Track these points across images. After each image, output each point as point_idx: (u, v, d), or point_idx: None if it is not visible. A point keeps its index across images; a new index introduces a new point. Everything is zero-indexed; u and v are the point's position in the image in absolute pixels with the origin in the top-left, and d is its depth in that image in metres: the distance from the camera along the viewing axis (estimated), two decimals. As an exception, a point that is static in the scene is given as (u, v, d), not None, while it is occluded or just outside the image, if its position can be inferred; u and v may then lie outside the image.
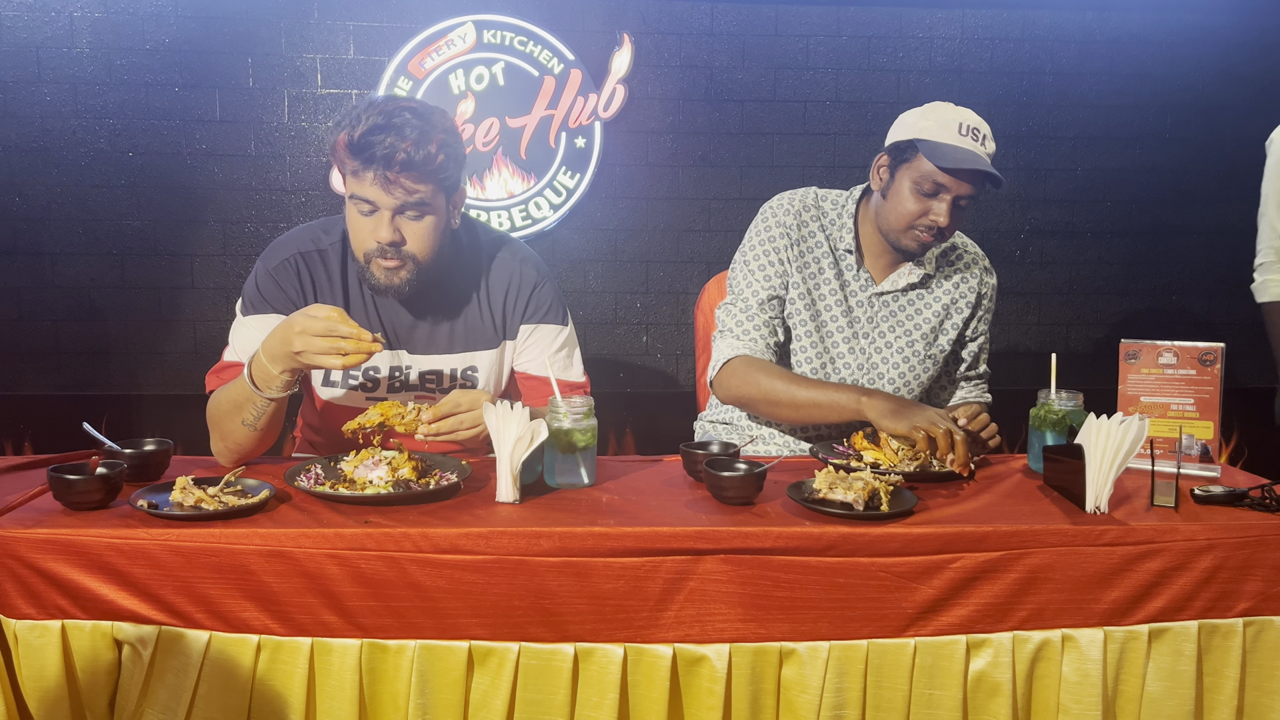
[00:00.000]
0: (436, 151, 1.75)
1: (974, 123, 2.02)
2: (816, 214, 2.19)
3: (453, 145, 1.80)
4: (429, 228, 1.81)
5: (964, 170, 1.97)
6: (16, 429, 3.52)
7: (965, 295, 2.21)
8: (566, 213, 3.64)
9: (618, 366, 3.76)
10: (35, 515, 1.48)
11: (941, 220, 2.00)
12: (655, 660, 1.45)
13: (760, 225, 2.20)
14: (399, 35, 3.51)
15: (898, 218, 2.05)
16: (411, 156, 1.72)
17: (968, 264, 2.24)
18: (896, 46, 3.69)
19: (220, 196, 3.54)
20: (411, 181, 1.75)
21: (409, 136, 1.72)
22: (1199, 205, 3.84)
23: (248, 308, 1.91)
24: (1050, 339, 3.83)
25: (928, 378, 2.21)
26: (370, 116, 1.73)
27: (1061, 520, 1.54)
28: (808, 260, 2.16)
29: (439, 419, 1.72)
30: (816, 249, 2.16)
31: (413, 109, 1.77)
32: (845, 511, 1.53)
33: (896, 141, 2.06)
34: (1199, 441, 1.83)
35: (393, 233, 1.78)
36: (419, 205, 1.78)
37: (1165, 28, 3.74)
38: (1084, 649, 1.50)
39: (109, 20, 3.43)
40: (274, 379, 1.69)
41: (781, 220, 2.17)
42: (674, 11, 3.61)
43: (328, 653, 1.43)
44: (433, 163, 1.75)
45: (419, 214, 1.79)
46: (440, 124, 1.79)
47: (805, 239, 2.16)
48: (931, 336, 2.19)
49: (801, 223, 2.17)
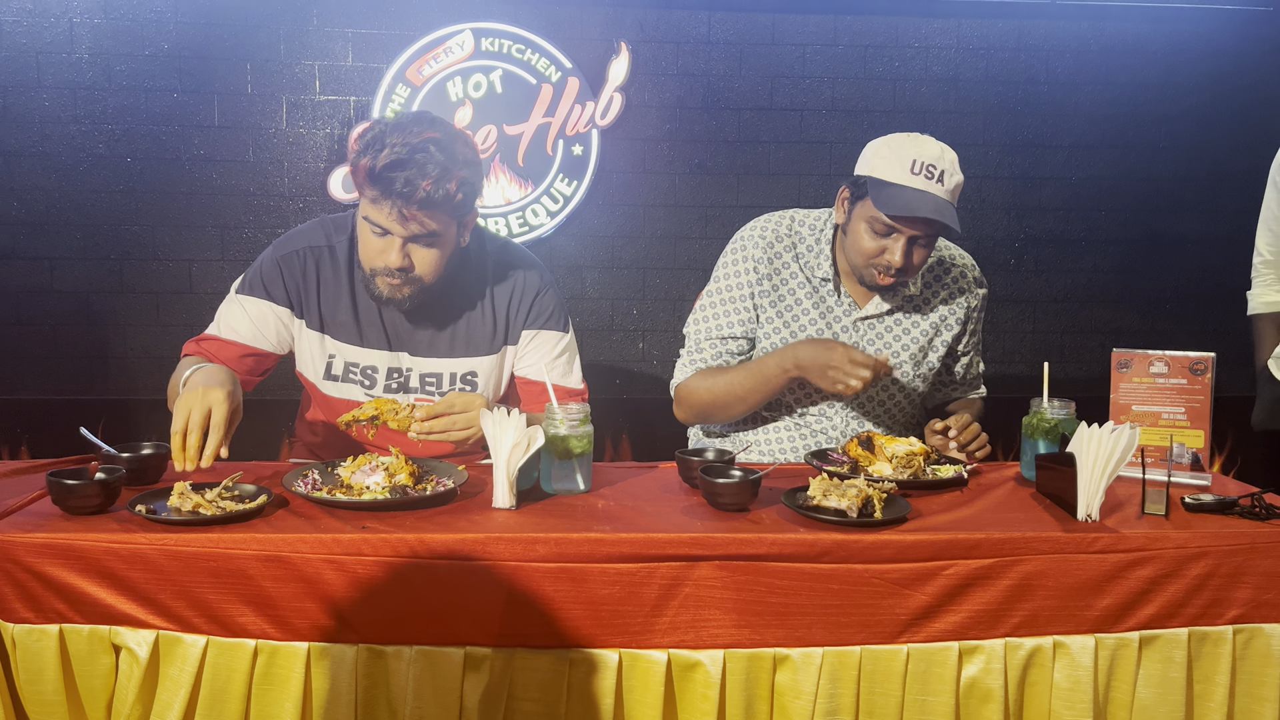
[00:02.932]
0: (456, 190, 1.75)
1: (931, 158, 1.93)
2: (791, 243, 2.15)
3: (472, 180, 1.80)
4: (438, 255, 1.83)
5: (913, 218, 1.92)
6: (13, 433, 3.52)
7: (955, 312, 2.19)
8: (564, 219, 3.65)
9: (614, 373, 3.77)
10: (34, 519, 1.49)
11: (896, 260, 1.96)
12: (650, 666, 1.46)
13: (730, 259, 2.17)
14: (397, 42, 3.52)
15: (855, 254, 2.03)
16: (431, 195, 1.72)
17: (955, 278, 2.21)
18: (893, 55, 3.71)
19: (218, 202, 3.55)
20: (427, 217, 1.76)
21: (430, 174, 1.72)
22: (1193, 214, 3.86)
23: (245, 287, 1.94)
24: (1044, 347, 3.85)
25: (918, 396, 2.22)
26: (395, 147, 1.72)
27: (1053, 528, 1.55)
28: (783, 293, 2.13)
29: (432, 418, 1.73)
30: (791, 280, 2.13)
31: (437, 142, 1.74)
32: (839, 518, 1.54)
33: (855, 176, 2.02)
34: (1190, 450, 1.84)
35: (402, 259, 1.80)
36: (431, 236, 1.79)
37: (1160, 38, 3.76)
38: (1075, 656, 1.51)
39: (109, 26, 3.44)
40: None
41: (750, 254, 2.13)
42: (671, 20, 3.63)
43: (324, 657, 1.44)
44: (451, 201, 1.76)
45: (430, 243, 1.81)
46: (463, 157, 1.78)
47: (778, 271, 2.13)
48: (920, 355, 2.17)
49: (774, 254, 2.13)
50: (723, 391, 2.10)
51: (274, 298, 1.93)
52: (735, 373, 2.10)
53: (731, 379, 2.09)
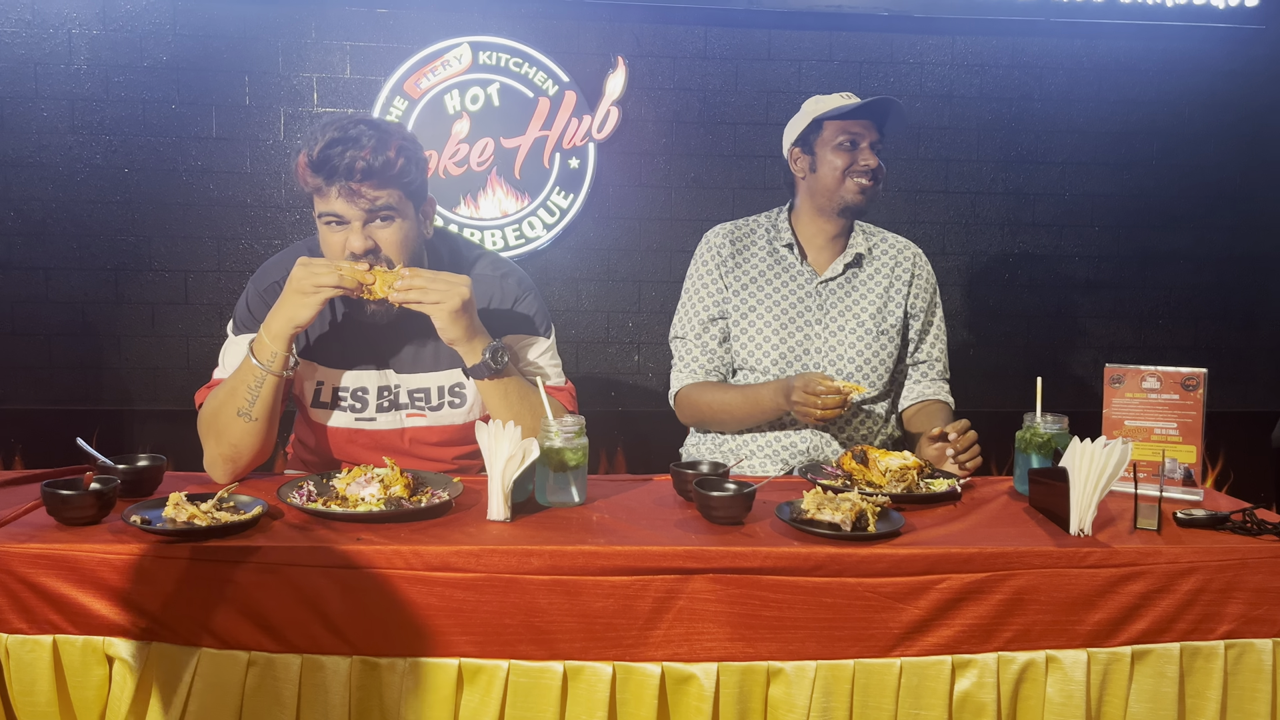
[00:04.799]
0: (396, 156, 1.77)
1: (848, 94, 2.30)
2: (749, 229, 2.37)
3: (412, 150, 1.82)
4: (401, 233, 1.83)
5: (865, 109, 2.24)
6: (7, 443, 3.52)
7: (900, 275, 2.36)
8: (560, 232, 3.66)
9: (609, 385, 3.77)
10: (29, 530, 1.49)
11: (871, 161, 2.25)
12: (644, 679, 1.46)
13: (696, 257, 2.37)
14: (395, 55, 3.54)
15: (833, 177, 2.26)
16: (371, 164, 1.75)
17: (899, 249, 2.40)
18: (887, 71, 3.73)
19: (215, 213, 3.56)
20: (374, 189, 1.77)
21: (366, 145, 1.75)
22: (1185, 230, 3.88)
23: (239, 327, 1.93)
24: (1037, 362, 3.86)
25: (887, 355, 2.30)
26: (326, 133, 1.77)
27: (1046, 542, 1.56)
28: (748, 269, 2.32)
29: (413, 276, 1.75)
30: (753, 257, 2.33)
31: (367, 121, 1.80)
32: (833, 532, 1.54)
33: (800, 132, 2.31)
34: (1182, 465, 1.85)
35: (364, 240, 1.80)
36: (386, 210, 1.80)
37: (1152, 56, 3.79)
38: (1068, 670, 1.51)
39: (107, 38, 3.45)
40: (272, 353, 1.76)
41: (712, 244, 2.35)
42: (668, 35, 3.65)
43: (318, 669, 1.44)
44: (393, 167, 1.77)
45: (388, 219, 1.81)
46: (397, 133, 1.81)
47: (741, 251, 2.34)
48: (880, 316, 2.31)
49: (734, 239, 2.35)
50: (720, 409, 2.25)
51: None
52: (734, 396, 2.22)
53: (728, 401, 2.23)
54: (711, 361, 2.28)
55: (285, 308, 1.75)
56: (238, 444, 1.80)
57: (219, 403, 1.81)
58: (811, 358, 2.27)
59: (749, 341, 2.26)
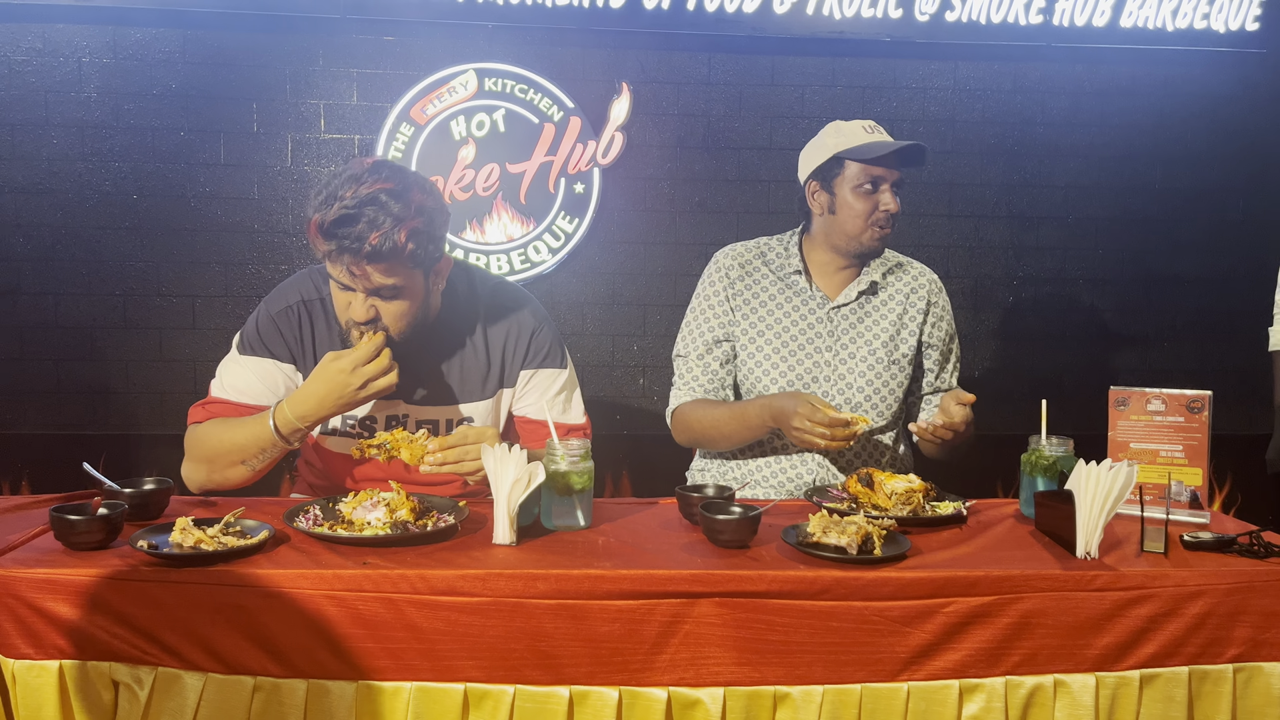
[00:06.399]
0: (406, 241, 1.72)
1: (870, 123, 2.22)
2: (759, 252, 2.34)
3: (426, 230, 1.76)
4: (403, 308, 1.81)
5: (892, 155, 2.15)
6: (15, 467, 3.52)
7: (915, 304, 2.31)
8: (565, 256, 3.68)
9: (615, 409, 3.77)
10: (36, 555, 1.50)
11: (893, 206, 2.18)
12: (650, 703, 1.46)
13: (705, 277, 2.35)
14: (402, 82, 3.57)
15: (853, 222, 2.20)
16: (379, 249, 1.70)
17: (915, 275, 2.35)
18: (890, 97, 3.75)
19: (223, 239, 3.58)
20: (380, 272, 1.74)
21: (380, 226, 1.70)
22: (1189, 254, 3.88)
23: (245, 348, 1.93)
24: (1042, 385, 3.85)
25: (897, 385, 2.27)
26: (343, 201, 1.70)
27: (1053, 565, 1.55)
28: (756, 291, 2.29)
29: (445, 449, 1.73)
30: (762, 280, 2.30)
31: (390, 191, 1.72)
32: (839, 555, 1.54)
33: (819, 165, 2.22)
34: (1188, 488, 1.85)
35: (367, 312, 1.79)
36: (392, 289, 1.78)
37: (1154, 81, 3.81)
38: (1076, 694, 1.50)
39: (118, 66, 3.49)
40: (298, 432, 1.79)
41: (721, 265, 2.32)
42: (672, 61, 3.68)
43: (324, 694, 1.44)
44: (401, 253, 1.73)
45: (393, 296, 1.79)
46: (417, 205, 1.74)
47: (748, 274, 2.31)
48: (892, 344, 2.27)
49: (744, 263, 2.32)
50: (709, 426, 2.22)
51: (276, 355, 1.92)
52: (722, 411, 2.20)
53: (718, 417, 2.20)
54: (712, 382, 2.26)
55: (324, 405, 1.76)
56: (228, 481, 1.85)
57: (221, 444, 1.82)
58: (820, 385, 2.23)
59: (756, 367, 2.24)
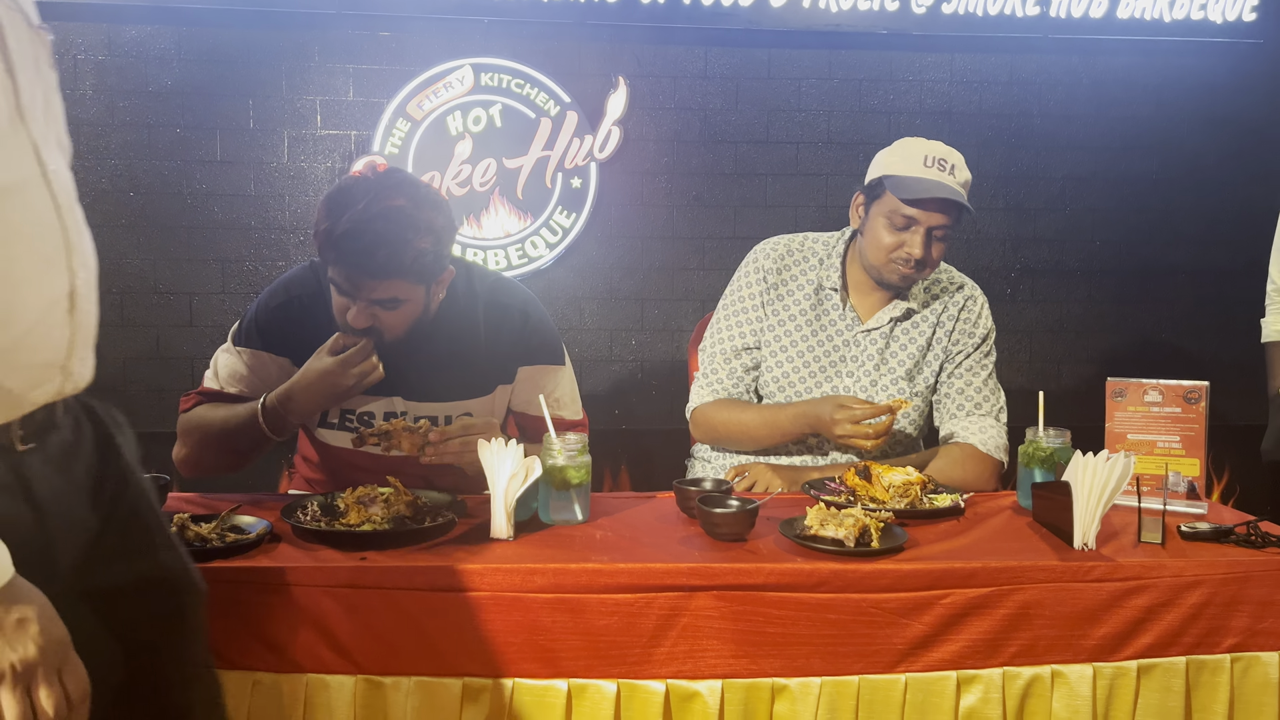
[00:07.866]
0: (412, 261, 1.73)
1: (941, 154, 2.05)
2: (802, 255, 2.24)
3: (433, 249, 1.76)
4: (403, 316, 1.81)
5: (929, 200, 2.00)
6: (13, 466, 3.52)
7: (944, 325, 2.23)
8: (562, 251, 3.68)
9: (613, 403, 3.78)
10: (34, 552, 1.49)
11: (916, 252, 2.04)
12: (648, 696, 1.46)
13: (742, 271, 2.27)
14: (398, 78, 3.56)
15: (875, 252, 2.11)
16: (385, 266, 1.71)
17: (951, 293, 2.25)
18: (887, 89, 3.75)
19: (220, 236, 3.58)
20: (383, 286, 1.75)
21: (387, 244, 1.69)
22: (1186, 245, 3.89)
23: (240, 338, 1.93)
24: (1040, 376, 3.86)
25: (918, 414, 2.23)
26: (353, 215, 1.70)
27: (1050, 556, 1.56)
28: (787, 303, 2.21)
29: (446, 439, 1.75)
30: (797, 290, 2.22)
31: (400, 209, 1.71)
32: (836, 548, 1.54)
33: (870, 179, 2.12)
34: (1186, 478, 1.85)
35: (367, 320, 1.79)
36: (392, 301, 1.78)
37: (1151, 72, 3.80)
38: (1073, 685, 1.51)
39: (113, 63, 3.48)
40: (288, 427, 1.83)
41: (761, 264, 2.23)
42: (668, 55, 3.67)
43: (323, 689, 1.44)
44: (404, 271, 1.73)
45: (392, 307, 1.79)
46: (426, 223, 1.74)
47: (786, 281, 2.22)
48: (913, 373, 2.20)
49: (783, 266, 2.23)
50: (737, 429, 2.18)
51: (272, 348, 1.91)
52: (751, 416, 2.15)
53: (746, 422, 2.15)
54: (737, 386, 2.21)
55: (318, 399, 1.81)
56: (218, 466, 1.90)
57: (211, 430, 1.85)
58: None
59: (782, 377, 2.19)
